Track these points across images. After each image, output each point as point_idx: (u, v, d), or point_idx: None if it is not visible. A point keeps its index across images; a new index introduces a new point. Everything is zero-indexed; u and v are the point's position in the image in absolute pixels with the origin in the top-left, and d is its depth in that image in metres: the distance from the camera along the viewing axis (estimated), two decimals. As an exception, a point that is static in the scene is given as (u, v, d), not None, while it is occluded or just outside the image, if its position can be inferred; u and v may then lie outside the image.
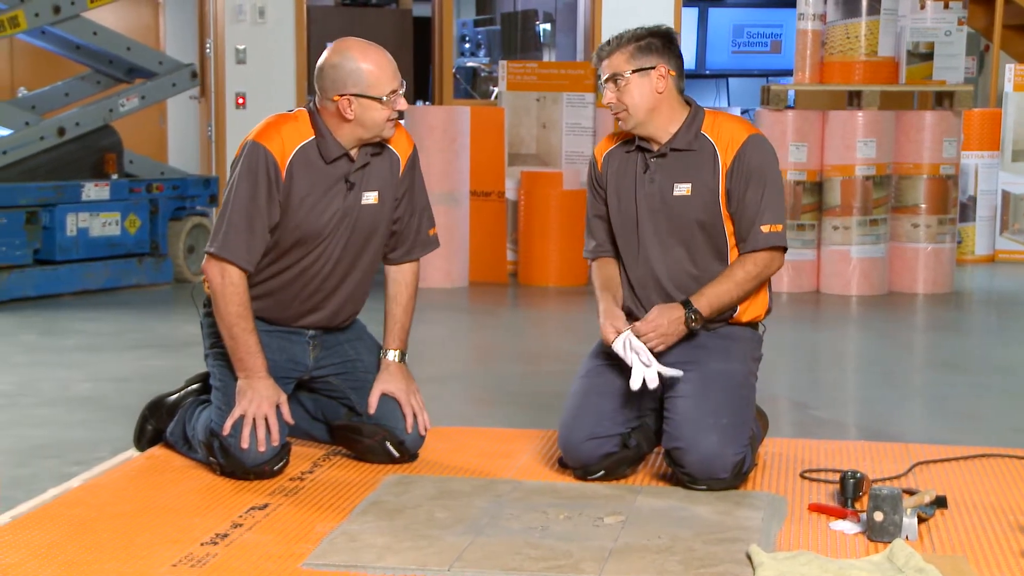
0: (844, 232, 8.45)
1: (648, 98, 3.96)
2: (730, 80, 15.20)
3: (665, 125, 4.00)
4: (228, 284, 3.89)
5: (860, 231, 8.44)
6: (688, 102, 4.06)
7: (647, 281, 4.04)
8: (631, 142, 4.10)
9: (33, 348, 6.47)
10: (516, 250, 9.00)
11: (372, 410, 4.10)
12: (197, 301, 4.12)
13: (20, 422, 4.86)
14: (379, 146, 4.04)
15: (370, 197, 4.03)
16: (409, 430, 4.09)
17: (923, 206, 8.60)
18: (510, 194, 9.01)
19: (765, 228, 3.95)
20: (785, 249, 4.02)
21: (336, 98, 3.89)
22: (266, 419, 3.86)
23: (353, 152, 4.00)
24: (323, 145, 3.95)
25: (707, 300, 3.92)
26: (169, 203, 8.59)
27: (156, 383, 4.64)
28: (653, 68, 3.94)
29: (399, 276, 4.21)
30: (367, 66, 3.87)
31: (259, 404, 3.86)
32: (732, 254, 4.00)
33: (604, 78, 4.00)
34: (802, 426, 5.00)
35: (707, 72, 15.43)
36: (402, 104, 3.93)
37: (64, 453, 4.37)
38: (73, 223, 8.03)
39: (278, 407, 3.91)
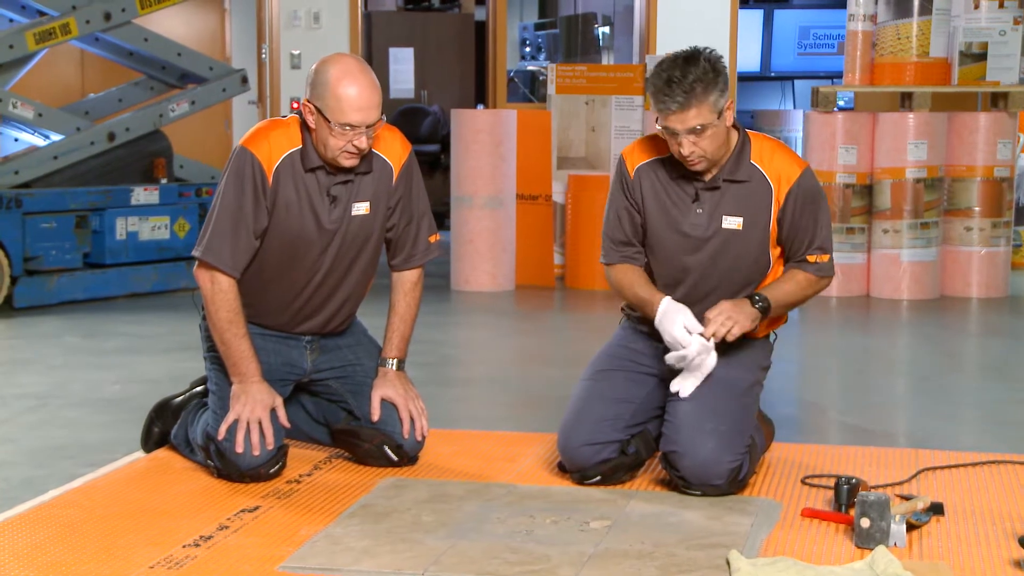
0: (894, 235, 8.33)
1: (722, 137, 3.81)
2: (795, 82, 15.05)
3: (724, 155, 3.88)
4: (218, 291, 3.90)
5: (911, 234, 8.32)
6: (735, 125, 3.89)
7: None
8: (671, 162, 3.91)
9: (74, 350, 6.55)
10: (563, 253, 8.97)
11: (375, 417, 4.10)
12: (197, 304, 4.14)
13: (46, 423, 4.92)
14: (368, 156, 3.99)
15: (361, 207, 4.01)
16: (406, 435, 4.09)
17: (976, 209, 8.46)
18: (557, 197, 8.99)
19: (823, 258, 3.92)
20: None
21: (305, 100, 3.90)
22: (260, 423, 3.88)
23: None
24: (304, 154, 3.95)
25: (769, 292, 3.88)
26: (218, 207, 8.63)
27: (184, 385, 4.67)
28: (726, 105, 3.77)
29: (399, 285, 4.19)
30: (336, 88, 3.81)
31: (253, 408, 3.88)
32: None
33: (684, 129, 3.71)
34: (820, 431, 4.94)
35: (772, 74, 15.31)
36: (360, 143, 3.84)
37: (80, 455, 4.41)
38: (123, 227, 8.11)
39: (274, 411, 3.92)
